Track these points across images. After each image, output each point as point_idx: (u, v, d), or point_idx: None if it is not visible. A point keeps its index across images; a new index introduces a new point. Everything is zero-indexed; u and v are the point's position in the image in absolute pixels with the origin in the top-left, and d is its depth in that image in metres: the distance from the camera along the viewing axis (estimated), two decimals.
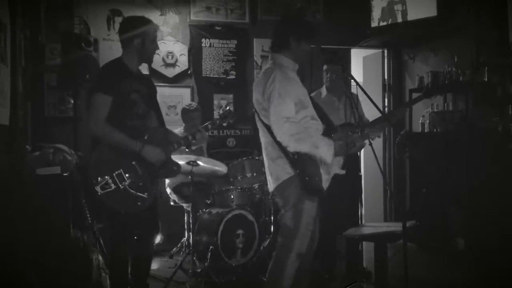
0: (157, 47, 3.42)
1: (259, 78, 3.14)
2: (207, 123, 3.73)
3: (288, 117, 2.91)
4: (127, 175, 3.16)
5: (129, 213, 3.21)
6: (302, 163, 2.94)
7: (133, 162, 3.20)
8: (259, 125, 3.14)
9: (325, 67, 4.62)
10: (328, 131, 3.14)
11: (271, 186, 3.16)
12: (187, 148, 3.62)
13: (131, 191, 3.16)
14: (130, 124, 3.25)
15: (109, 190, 3.09)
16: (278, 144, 2.98)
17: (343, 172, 3.13)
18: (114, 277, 3.36)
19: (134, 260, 3.41)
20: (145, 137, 3.28)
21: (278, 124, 2.90)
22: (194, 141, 3.55)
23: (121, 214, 3.19)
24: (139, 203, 3.19)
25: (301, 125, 2.99)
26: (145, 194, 3.22)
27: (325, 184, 3.06)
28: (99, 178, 3.08)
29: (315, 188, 2.98)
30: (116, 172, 3.13)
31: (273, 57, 3.16)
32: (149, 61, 3.53)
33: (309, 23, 3.19)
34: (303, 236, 3.03)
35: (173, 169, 3.43)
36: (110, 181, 3.10)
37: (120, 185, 3.12)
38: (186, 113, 5.26)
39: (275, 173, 3.09)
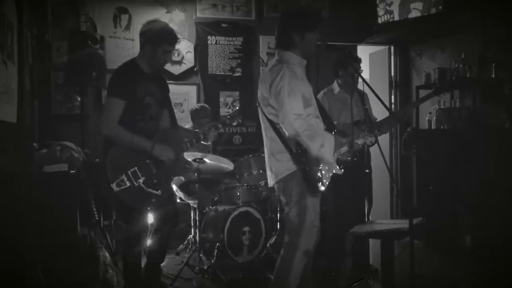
0: (169, 59, 3.42)
1: (265, 74, 3.11)
2: (215, 123, 3.73)
3: (299, 114, 2.90)
4: (141, 173, 3.21)
5: (144, 209, 3.28)
6: (306, 158, 2.95)
7: (147, 161, 3.25)
8: (262, 120, 3.14)
9: (340, 64, 4.58)
10: (328, 130, 3.14)
11: (270, 181, 3.17)
12: (203, 141, 3.68)
13: (146, 188, 3.21)
14: (143, 126, 3.33)
15: (124, 187, 3.15)
16: (281, 139, 2.99)
17: (340, 172, 3.12)
18: (128, 272, 3.42)
19: (149, 253, 3.50)
20: (156, 137, 3.34)
21: (289, 121, 2.88)
22: (206, 137, 3.61)
23: (136, 210, 3.26)
24: (153, 200, 3.24)
25: (307, 122, 2.99)
26: (159, 191, 3.26)
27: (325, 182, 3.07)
28: (115, 176, 3.15)
29: (317, 183, 2.99)
30: (131, 170, 3.19)
31: (279, 53, 3.10)
32: (158, 70, 3.54)
33: (309, 13, 3.09)
34: (309, 233, 3.02)
35: (185, 167, 3.49)
36: (125, 178, 3.16)
37: (135, 183, 3.17)
38: (196, 117, 5.23)
39: (275, 169, 3.09)
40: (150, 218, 3.59)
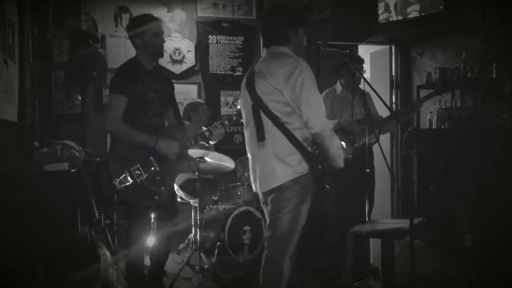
0: (162, 40, 3.44)
1: (266, 67, 2.86)
2: (223, 120, 3.67)
3: (323, 109, 2.81)
4: (144, 170, 3.20)
5: (147, 206, 3.29)
6: (322, 159, 2.82)
7: (150, 158, 3.24)
8: (266, 119, 2.82)
9: (342, 64, 4.58)
10: None
11: (266, 185, 2.88)
12: (207, 144, 3.66)
13: (148, 186, 3.21)
14: (146, 122, 3.33)
15: (127, 184, 3.14)
16: (291, 138, 2.77)
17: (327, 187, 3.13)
18: (130, 270, 3.42)
19: (152, 251, 3.50)
20: (161, 132, 3.33)
21: (318, 115, 2.73)
22: (212, 137, 3.58)
23: (138, 207, 3.26)
24: (156, 197, 3.25)
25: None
26: (162, 188, 3.27)
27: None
28: (117, 173, 3.13)
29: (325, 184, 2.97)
30: (134, 167, 3.17)
31: (275, 48, 2.94)
32: (159, 55, 3.52)
33: (300, 11, 3.11)
34: (296, 238, 2.88)
35: (190, 164, 3.48)
36: (128, 176, 3.14)
37: (138, 180, 3.17)
38: (194, 109, 5.19)
39: (277, 173, 2.81)
40: (152, 217, 3.59)
